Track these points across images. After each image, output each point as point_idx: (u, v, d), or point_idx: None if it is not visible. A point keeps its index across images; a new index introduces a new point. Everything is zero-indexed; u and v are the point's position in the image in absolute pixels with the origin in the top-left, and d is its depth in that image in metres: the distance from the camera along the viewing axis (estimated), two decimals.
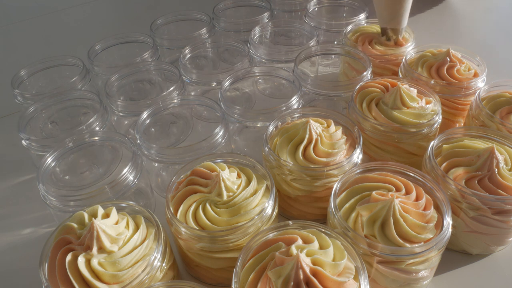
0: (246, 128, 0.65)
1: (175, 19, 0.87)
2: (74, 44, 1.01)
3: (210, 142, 0.56)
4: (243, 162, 0.53)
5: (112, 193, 0.52)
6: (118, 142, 0.60)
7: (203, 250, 0.46)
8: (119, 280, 0.41)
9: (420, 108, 0.57)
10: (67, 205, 0.51)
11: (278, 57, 0.73)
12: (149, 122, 0.62)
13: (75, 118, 0.70)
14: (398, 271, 0.43)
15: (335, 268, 0.39)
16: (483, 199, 0.46)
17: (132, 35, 0.81)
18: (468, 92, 0.62)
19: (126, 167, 0.53)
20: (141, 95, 0.76)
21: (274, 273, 0.39)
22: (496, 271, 0.51)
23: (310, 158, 0.52)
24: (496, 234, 0.50)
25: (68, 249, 0.42)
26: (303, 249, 0.40)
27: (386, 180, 0.48)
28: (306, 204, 0.55)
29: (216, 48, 0.82)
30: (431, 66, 0.65)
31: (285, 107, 0.60)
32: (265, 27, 0.82)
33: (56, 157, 0.57)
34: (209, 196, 0.48)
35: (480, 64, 0.64)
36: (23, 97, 0.68)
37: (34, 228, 0.60)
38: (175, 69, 0.70)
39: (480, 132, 0.54)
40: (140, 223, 0.46)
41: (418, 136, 0.56)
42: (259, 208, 0.47)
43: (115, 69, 0.71)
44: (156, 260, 0.43)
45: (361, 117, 0.58)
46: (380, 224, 0.44)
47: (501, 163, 0.48)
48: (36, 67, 0.75)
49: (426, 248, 0.42)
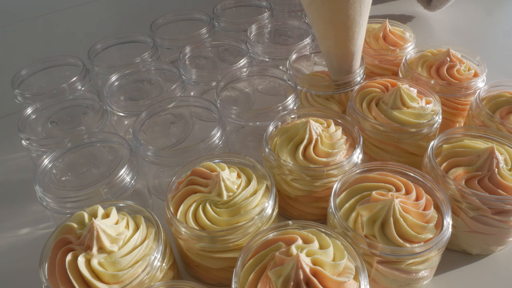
0: (243, 128, 0.65)
1: (175, 19, 0.87)
2: (74, 44, 1.01)
3: (207, 144, 0.56)
4: (243, 162, 0.53)
5: (109, 195, 0.51)
6: (116, 143, 0.60)
7: (203, 250, 0.46)
8: (119, 280, 0.41)
9: (420, 108, 0.57)
10: (64, 206, 0.51)
11: (275, 55, 0.73)
12: (148, 122, 0.62)
13: (75, 118, 0.70)
14: (398, 271, 0.43)
15: (335, 268, 0.40)
16: (483, 199, 0.46)
17: (132, 35, 0.81)
18: (468, 92, 0.62)
19: (123, 168, 0.53)
20: (141, 95, 0.76)
21: (274, 273, 0.39)
22: (496, 271, 0.51)
23: (310, 158, 0.52)
24: (496, 234, 0.50)
25: (68, 249, 0.42)
26: (303, 249, 0.40)
27: (386, 180, 0.48)
28: (306, 204, 0.55)
29: (216, 48, 0.82)
30: (431, 66, 0.65)
31: (281, 107, 0.60)
32: (264, 26, 0.82)
33: (53, 158, 0.57)
34: (209, 196, 0.48)
35: (480, 64, 0.64)
36: (23, 97, 0.68)
37: (32, 228, 0.60)
38: (175, 69, 0.70)
39: (480, 132, 0.54)
40: (140, 223, 0.46)
41: (418, 136, 0.56)
42: (259, 208, 0.47)
43: (115, 69, 0.71)
44: (156, 260, 0.43)
45: (361, 117, 0.58)
46: (380, 224, 0.44)
47: (501, 163, 0.48)
48: (36, 67, 0.75)
49: (426, 248, 0.42)
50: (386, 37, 0.72)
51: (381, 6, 1.04)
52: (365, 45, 0.73)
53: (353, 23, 0.57)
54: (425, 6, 0.97)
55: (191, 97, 0.70)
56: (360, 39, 0.61)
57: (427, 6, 0.97)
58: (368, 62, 0.71)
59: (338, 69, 0.63)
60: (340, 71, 0.63)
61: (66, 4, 1.19)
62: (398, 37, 0.72)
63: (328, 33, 0.59)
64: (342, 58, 0.61)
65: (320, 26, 0.59)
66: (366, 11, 0.58)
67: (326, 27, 0.58)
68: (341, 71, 0.63)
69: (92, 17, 1.14)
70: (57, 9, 1.17)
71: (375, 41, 0.73)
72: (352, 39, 0.59)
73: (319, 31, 0.60)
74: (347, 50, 0.60)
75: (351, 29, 0.57)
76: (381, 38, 0.72)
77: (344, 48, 0.60)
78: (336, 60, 0.62)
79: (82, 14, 1.15)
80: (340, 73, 0.63)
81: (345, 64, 0.62)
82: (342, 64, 0.62)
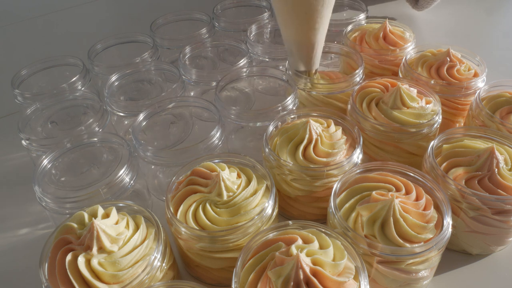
0: (242, 128, 0.65)
1: (175, 19, 0.87)
2: (74, 44, 1.01)
3: (207, 144, 0.56)
4: (243, 162, 0.53)
5: (108, 195, 0.51)
6: (116, 143, 0.60)
7: (203, 250, 0.46)
8: (119, 280, 0.41)
9: (420, 108, 0.57)
10: (63, 207, 0.51)
11: (275, 55, 0.73)
12: (148, 123, 0.62)
13: (75, 118, 0.70)
14: (398, 271, 0.43)
15: (335, 268, 0.40)
16: (483, 199, 0.46)
17: (132, 35, 0.81)
18: (468, 92, 0.62)
19: (123, 168, 0.53)
20: (141, 95, 0.76)
21: (274, 273, 0.39)
22: (496, 271, 0.51)
23: (310, 158, 0.52)
24: (496, 234, 0.50)
25: (68, 249, 0.42)
26: (303, 249, 0.40)
27: (386, 180, 0.48)
28: (306, 204, 0.55)
29: (216, 48, 0.82)
30: (431, 66, 0.65)
31: (281, 107, 0.60)
32: (264, 26, 0.82)
33: (53, 158, 0.57)
34: (209, 196, 0.48)
35: (480, 64, 0.64)
36: (23, 97, 0.68)
37: (32, 228, 0.60)
38: (175, 69, 0.70)
39: (480, 132, 0.54)
40: (140, 223, 0.46)
41: (418, 136, 0.56)
42: (259, 208, 0.47)
43: (115, 69, 0.71)
44: (156, 260, 0.43)
45: (361, 117, 0.58)
46: (380, 224, 0.44)
47: (501, 163, 0.48)
48: (36, 67, 0.75)
49: (426, 248, 0.42)
50: (386, 37, 0.72)
51: (381, 6, 1.04)
52: (365, 45, 0.73)
53: (315, 13, 0.57)
54: (413, 5, 0.98)
55: (191, 97, 0.70)
56: (322, 31, 0.61)
57: (414, 6, 0.98)
58: (368, 62, 0.71)
59: (297, 58, 0.64)
60: (299, 61, 0.64)
61: (66, 4, 1.19)
62: (398, 37, 0.72)
63: (290, 21, 0.60)
64: (302, 47, 0.62)
65: (282, 13, 0.60)
66: (330, 3, 0.58)
67: (288, 14, 0.59)
68: (300, 61, 0.64)
69: (92, 17, 1.14)
70: (57, 9, 1.17)
71: (375, 41, 0.73)
72: (313, 29, 0.59)
73: (281, 18, 0.61)
74: (307, 40, 0.61)
75: (312, 18, 0.58)
76: (381, 38, 0.72)
77: (305, 38, 0.61)
78: (296, 49, 0.63)
79: (82, 14, 1.15)
80: (299, 64, 0.64)
81: (304, 54, 0.63)
82: (302, 54, 0.63)
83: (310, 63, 0.64)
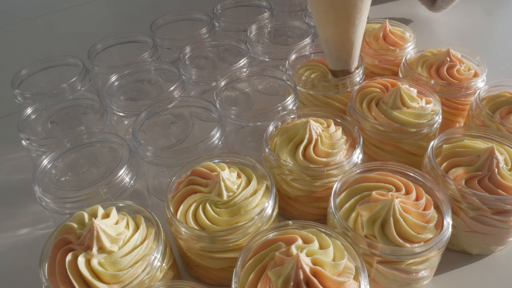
0: (242, 128, 0.65)
1: (175, 19, 0.87)
2: (74, 44, 1.01)
3: (207, 144, 0.56)
4: (243, 162, 0.53)
5: (108, 195, 0.51)
6: (116, 143, 0.60)
7: (203, 250, 0.46)
8: (119, 280, 0.41)
9: (420, 108, 0.57)
10: (63, 207, 0.51)
11: (275, 55, 0.73)
12: (148, 122, 0.62)
13: (75, 118, 0.70)
14: (398, 271, 0.43)
15: (335, 268, 0.40)
16: (483, 199, 0.46)
17: (132, 35, 0.81)
18: (468, 92, 0.62)
19: (122, 168, 0.53)
20: (141, 95, 0.76)
21: (274, 273, 0.39)
22: (496, 271, 0.51)
23: (310, 158, 0.52)
24: (496, 234, 0.50)
25: (68, 249, 0.42)
26: (303, 249, 0.40)
27: (386, 180, 0.48)
28: (306, 204, 0.55)
29: (216, 48, 0.82)
30: (431, 66, 0.65)
31: (281, 107, 0.60)
32: (264, 26, 0.82)
33: (53, 158, 0.57)
34: (209, 196, 0.48)
35: (480, 64, 0.64)
36: (23, 97, 0.68)
37: (32, 228, 0.60)
38: (175, 69, 0.70)
39: (480, 132, 0.54)
40: (140, 223, 0.46)
41: (418, 136, 0.56)
42: (259, 208, 0.47)
43: (115, 69, 0.71)
44: (156, 260, 0.43)
45: (361, 117, 0.58)
46: (380, 224, 0.44)
47: (501, 163, 0.48)
48: (36, 67, 0.75)
49: (426, 248, 0.42)
50: (386, 37, 0.72)
51: (381, 6, 1.05)
52: (365, 45, 0.73)
53: (355, 9, 0.55)
54: (429, 7, 0.97)
55: (191, 97, 0.70)
56: (361, 27, 0.59)
57: (431, 7, 0.97)
58: (368, 62, 0.71)
59: (337, 57, 0.62)
60: (338, 60, 0.62)
61: (66, 4, 1.19)
62: (398, 37, 0.72)
63: (328, 19, 0.57)
64: (341, 46, 0.60)
65: (320, 11, 0.58)
66: None
67: (327, 12, 0.57)
68: (339, 60, 0.62)
69: (92, 17, 1.14)
70: (57, 9, 1.17)
71: (375, 41, 0.73)
72: (353, 26, 0.57)
73: (319, 17, 0.59)
74: (347, 37, 0.59)
75: (352, 15, 0.56)
76: (381, 38, 0.72)
77: (344, 35, 0.58)
78: (335, 48, 0.60)
79: (82, 14, 1.15)
80: (338, 63, 0.62)
81: (344, 52, 0.61)
82: (341, 53, 0.61)
83: (350, 61, 0.62)
